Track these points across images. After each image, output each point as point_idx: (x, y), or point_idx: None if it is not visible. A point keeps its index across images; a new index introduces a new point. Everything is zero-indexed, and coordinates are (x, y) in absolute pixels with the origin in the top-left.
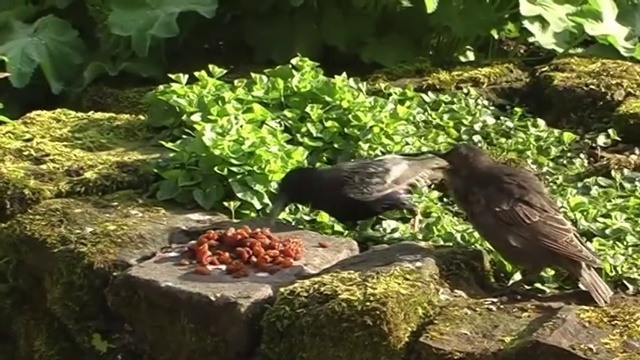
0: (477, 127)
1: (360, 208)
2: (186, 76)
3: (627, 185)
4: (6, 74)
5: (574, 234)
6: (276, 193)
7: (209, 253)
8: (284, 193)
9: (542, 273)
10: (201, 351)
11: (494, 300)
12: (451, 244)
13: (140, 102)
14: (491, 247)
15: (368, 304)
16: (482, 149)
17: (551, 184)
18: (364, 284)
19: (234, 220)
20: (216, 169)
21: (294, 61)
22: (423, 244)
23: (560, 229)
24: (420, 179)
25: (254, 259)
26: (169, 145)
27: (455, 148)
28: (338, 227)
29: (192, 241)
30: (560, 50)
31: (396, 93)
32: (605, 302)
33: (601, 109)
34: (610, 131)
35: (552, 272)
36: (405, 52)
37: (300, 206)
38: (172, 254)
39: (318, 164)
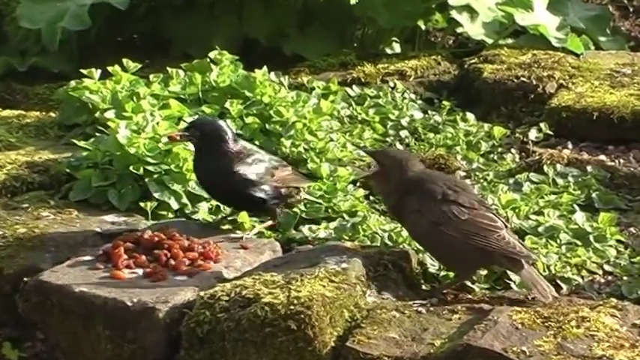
0: (404, 122)
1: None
2: (99, 71)
3: (560, 181)
4: None
5: (507, 231)
6: None
7: (125, 256)
8: None
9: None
10: (118, 358)
11: (424, 302)
12: (378, 244)
13: (51, 98)
14: (419, 247)
15: (292, 307)
16: (412, 153)
17: (481, 180)
18: (288, 287)
19: (151, 222)
20: (131, 168)
21: (212, 54)
22: (348, 244)
23: (490, 226)
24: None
25: (172, 262)
26: (82, 143)
27: (385, 150)
28: (260, 228)
29: (107, 244)
30: (490, 41)
31: (319, 87)
32: (548, 298)
33: (532, 102)
34: (542, 125)
35: (484, 272)
36: (328, 44)
37: (221, 206)
38: (86, 258)
39: None
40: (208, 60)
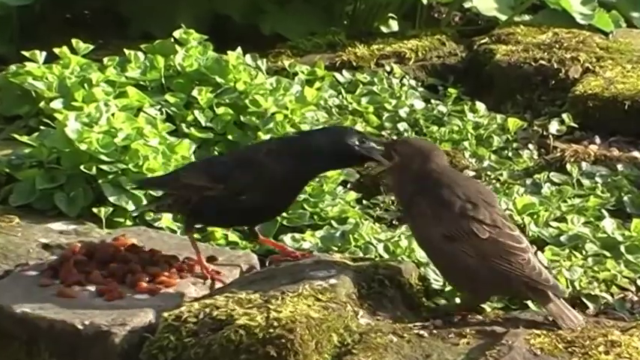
0: (402, 112)
1: None
2: (44, 53)
3: (586, 182)
4: None
5: (532, 255)
6: None
7: (75, 270)
8: None
9: None
10: None
11: (426, 324)
12: (372, 256)
13: None
14: (421, 260)
15: (271, 330)
16: (438, 146)
17: (493, 181)
18: (266, 307)
19: (106, 230)
20: (82, 167)
21: (177, 34)
22: (338, 256)
23: (514, 247)
24: None
25: (130, 277)
26: (24, 138)
27: (405, 139)
28: (233, 237)
29: (54, 257)
30: (504, 18)
31: (303, 72)
32: (578, 328)
33: (553, 89)
34: (564, 116)
35: None
36: (313, 22)
37: None
38: (30, 273)
39: None
40: (172, 40)
